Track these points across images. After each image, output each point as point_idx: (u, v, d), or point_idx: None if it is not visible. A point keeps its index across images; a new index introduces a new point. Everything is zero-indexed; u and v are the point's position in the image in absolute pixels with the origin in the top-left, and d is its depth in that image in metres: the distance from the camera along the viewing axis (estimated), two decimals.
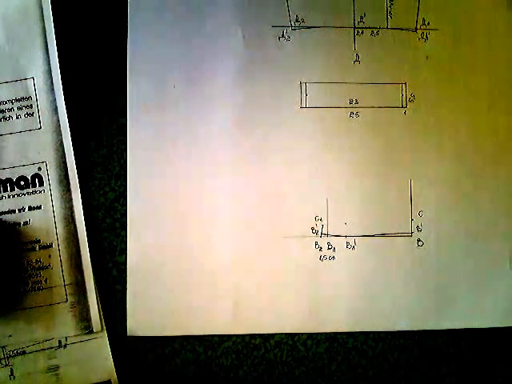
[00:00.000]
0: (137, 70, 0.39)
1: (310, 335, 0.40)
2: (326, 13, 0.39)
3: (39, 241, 0.37)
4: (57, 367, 0.38)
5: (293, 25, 0.39)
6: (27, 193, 0.37)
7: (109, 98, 0.39)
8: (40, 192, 0.38)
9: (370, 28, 0.40)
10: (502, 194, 0.40)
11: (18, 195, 0.37)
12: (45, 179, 0.38)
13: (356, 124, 0.40)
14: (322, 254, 0.39)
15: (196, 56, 0.39)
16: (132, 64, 0.39)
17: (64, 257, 0.38)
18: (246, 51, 0.39)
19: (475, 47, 0.40)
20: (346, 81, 0.40)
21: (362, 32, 0.40)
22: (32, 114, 0.38)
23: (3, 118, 0.37)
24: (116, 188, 0.39)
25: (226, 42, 0.39)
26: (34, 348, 0.37)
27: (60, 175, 0.38)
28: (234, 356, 0.39)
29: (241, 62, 0.39)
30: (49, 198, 0.38)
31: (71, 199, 0.38)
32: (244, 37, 0.39)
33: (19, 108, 0.37)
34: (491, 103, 0.40)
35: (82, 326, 0.38)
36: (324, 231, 0.39)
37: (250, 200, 0.39)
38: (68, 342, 0.38)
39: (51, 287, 0.37)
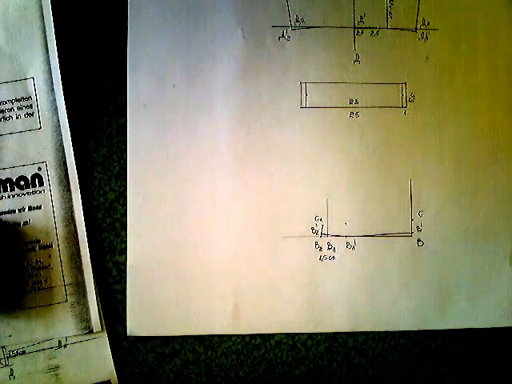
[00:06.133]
0: (137, 70, 0.39)
1: (310, 335, 0.40)
2: (326, 13, 0.39)
3: (39, 241, 0.37)
4: (57, 367, 0.38)
5: (293, 25, 0.39)
6: (27, 193, 0.37)
7: (109, 97, 0.39)
8: (40, 192, 0.38)
9: (370, 28, 0.40)
10: (501, 194, 0.40)
11: (18, 195, 0.37)
12: (45, 179, 0.38)
13: (356, 124, 0.40)
14: (322, 253, 0.39)
15: (196, 56, 0.39)
16: (132, 64, 0.39)
17: (64, 257, 0.38)
18: (246, 51, 0.39)
19: (475, 47, 0.40)
20: (346, 81, 0.40)
21: (362, 32, 0.40)
22: (32, 114, 0.38)
23: (3, 117, 0.37)
24: (116, 188, 0.39)
25: (225, 42, 0.39)
26: (33, 348, 0.37)
27: (60, 175, 0.38)
28: (233, 356, 0.39)
29: (241, 62, 0.39)
30: (49, 198, 0.38)
31: (71, 199, 0.38)
32: (244, 37, 0.39)
33: (19, 108, 0.37)
34: (491, 103, 0.40)
35: (82, 326, 0.38)
36: (324, 231, 0.39)
37: (250, 200, 0.39)
38: (68, 342, 0.38)
39: (51, 287, 0.37)
